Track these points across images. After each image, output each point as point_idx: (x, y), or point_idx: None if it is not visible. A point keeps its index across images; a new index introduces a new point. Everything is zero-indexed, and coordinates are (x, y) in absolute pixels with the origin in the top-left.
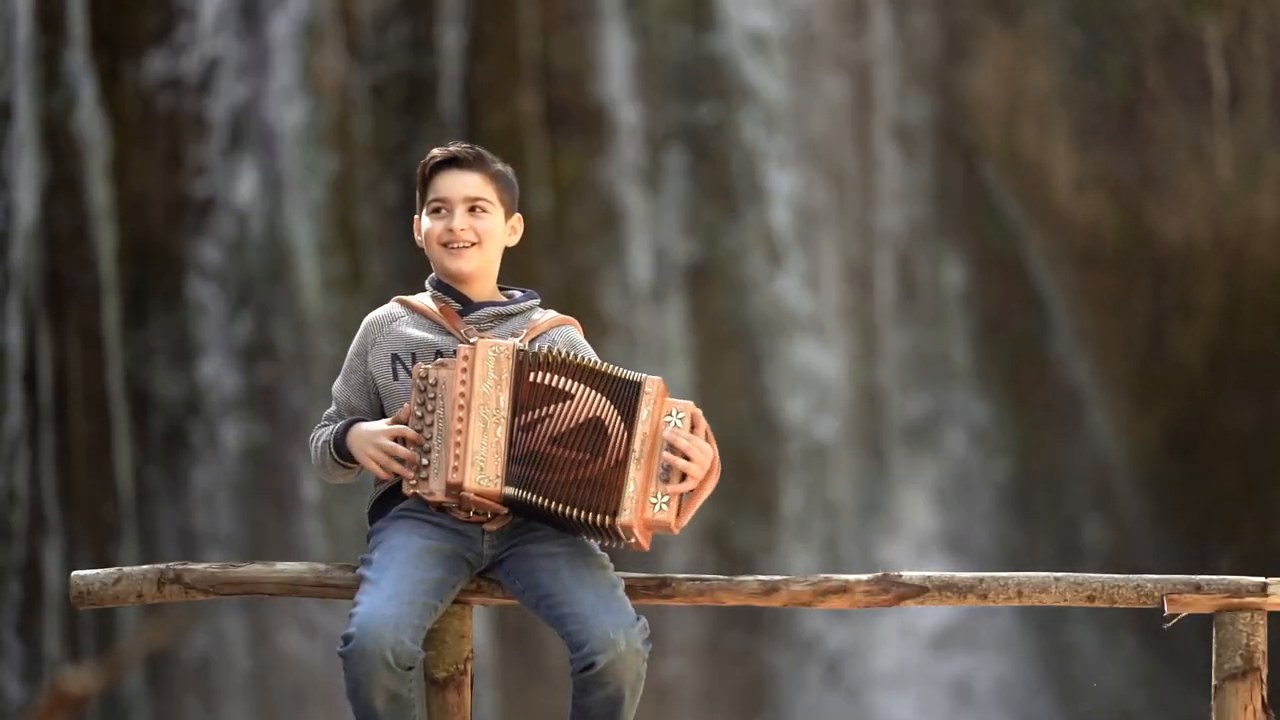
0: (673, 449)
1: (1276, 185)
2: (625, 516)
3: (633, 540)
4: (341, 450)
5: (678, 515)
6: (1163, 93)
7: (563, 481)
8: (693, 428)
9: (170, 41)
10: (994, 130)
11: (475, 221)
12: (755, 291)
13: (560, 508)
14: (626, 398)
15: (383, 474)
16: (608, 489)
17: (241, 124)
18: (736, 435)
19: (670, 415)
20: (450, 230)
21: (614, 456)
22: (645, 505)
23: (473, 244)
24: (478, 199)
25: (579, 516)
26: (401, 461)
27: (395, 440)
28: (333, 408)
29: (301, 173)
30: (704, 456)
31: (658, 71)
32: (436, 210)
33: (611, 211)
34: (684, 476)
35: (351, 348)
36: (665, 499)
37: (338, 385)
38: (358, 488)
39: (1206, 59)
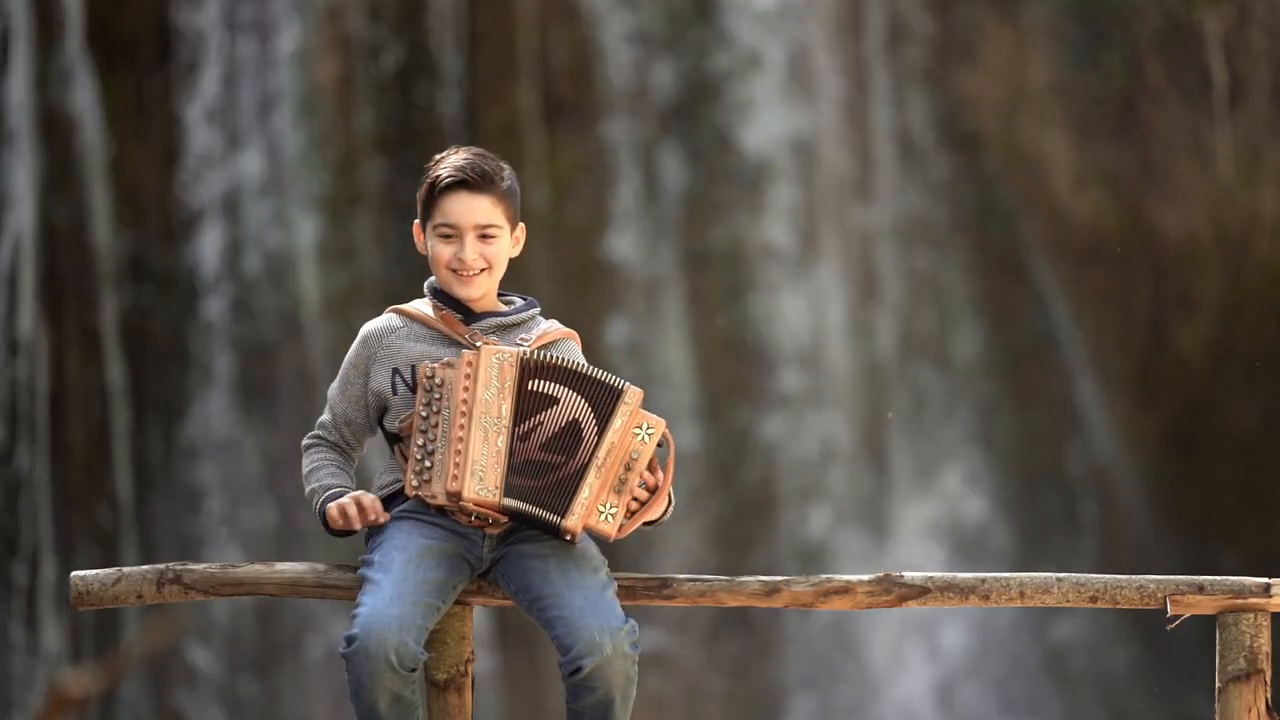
0: (631, 467)
1: (1277, 180)
2: (570, 521)
3: (567, 537)
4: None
5: (619, 530)
6: (1162, 87)
7: (544, 486)
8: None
9: (167, 36)
10: (993, 126)
11: (485, 248)
12: (754, 287)
13: (537, 511)
14: (605, 403)
15: (339, 521)
16: (565, 491)
17: (239, 119)
18: (735, 429)
19: (640, 429)
20: (461, 260)
21: (581, 460)
22: (592, 512)
23: (483, 270)
24: (488, 225)
25: (535, 514)
26: (360, 510)
27: (352, 507)
28: (327, 415)
29: (300, 168)
30: (657, 484)
31: (655, 66)
32: (446, 236)
33: (609, 206)
34: (636, 504)
35: (349, 357)
36: (613, 510)
37: (334, 394)
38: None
39: (1206, 53)
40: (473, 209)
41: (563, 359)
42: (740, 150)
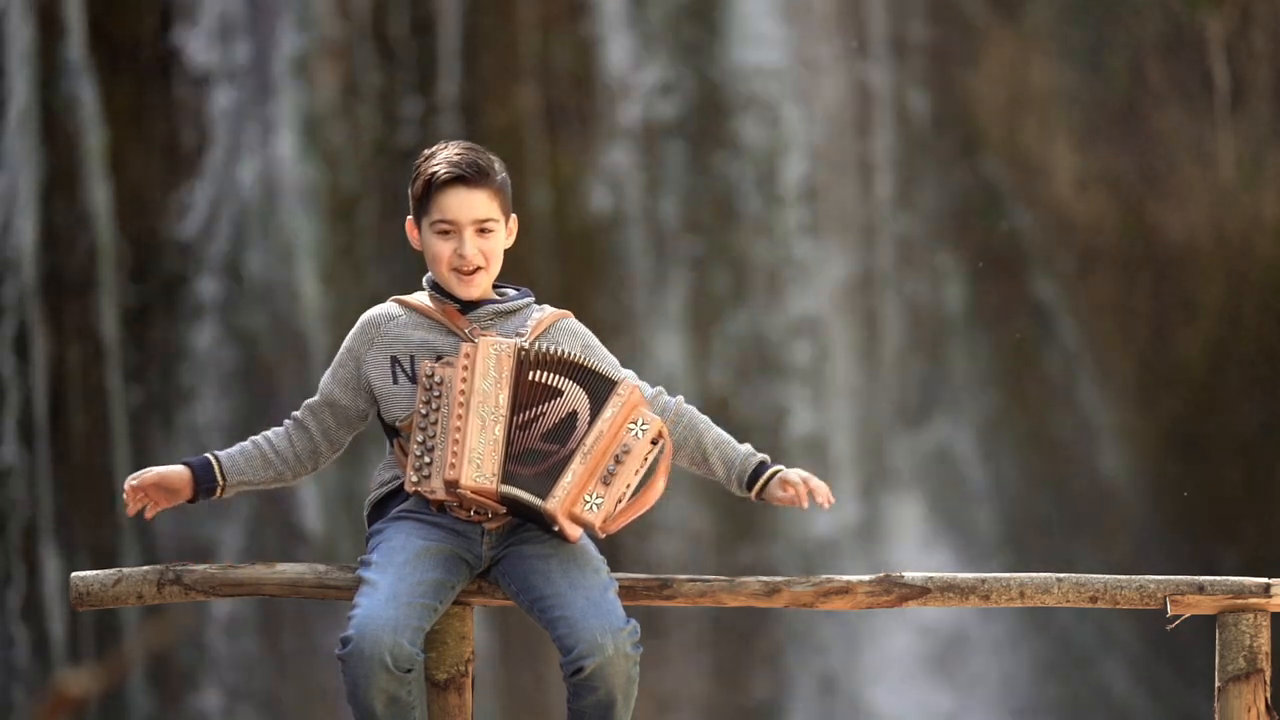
0: (622, 460)
1: (1279, 183)
2: (550, 504)
3: (556, 528)
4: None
5: (605, 520)
6: (1164, 90)
7: (537, 473)
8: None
9: (168, 37)
10: (995, 129)
11: (484, 243)
12: (755, 290)
13: (526, 496)
14: (600, 394)
15: (131, 506)
16: (551, 475)
17: (240, 119)
18: (736, 431)
19: (635, 424)
20: (462, 257)
21: (570, 447)
22: (577, 500)
23: (479, 268)
24: (486, 219)
25: (525, 499)
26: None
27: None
28: (315, 396)
29: (300, 169)
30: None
31: (658, 68)
32: (444, 232)
33: (611, 208)
34: (622, 496)
35: (346, 341)
36: (599, 500)
37: (326, 376)
38: (357, 488)
39: (1208, 56)
40: (470, 204)
41: (563, 351)
42: (742, 149)
